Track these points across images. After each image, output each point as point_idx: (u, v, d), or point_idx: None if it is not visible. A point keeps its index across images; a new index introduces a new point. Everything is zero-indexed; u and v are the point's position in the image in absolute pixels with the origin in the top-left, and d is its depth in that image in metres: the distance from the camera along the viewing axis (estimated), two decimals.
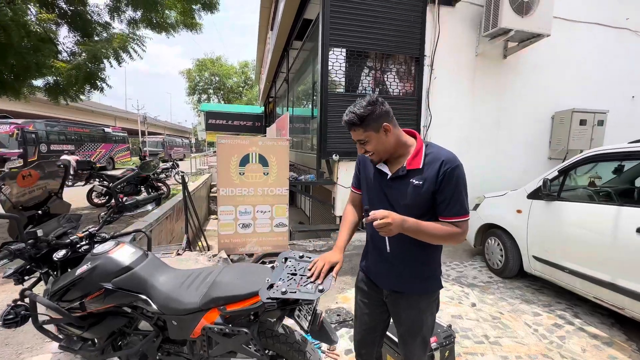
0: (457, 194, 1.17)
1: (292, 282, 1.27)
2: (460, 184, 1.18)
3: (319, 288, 1.21)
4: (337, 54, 3.95)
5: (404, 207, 1.21)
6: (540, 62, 4.67)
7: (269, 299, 1.21)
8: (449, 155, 1.19)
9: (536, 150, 4.94)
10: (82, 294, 1.48)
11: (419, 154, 1.21)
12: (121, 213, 1.80)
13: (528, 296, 3.04)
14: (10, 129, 13.86)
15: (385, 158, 1.27)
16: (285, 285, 1.25)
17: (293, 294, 1.21)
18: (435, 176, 1.16)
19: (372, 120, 1.17)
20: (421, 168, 1.19)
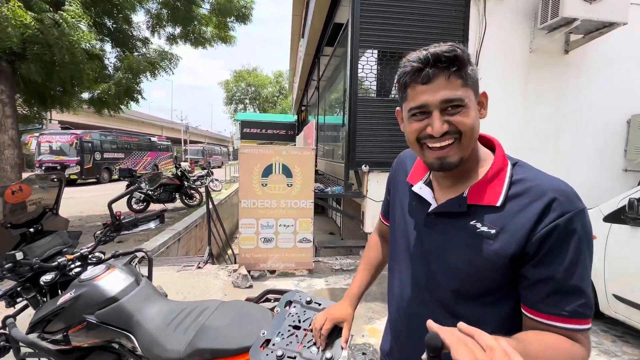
0: (579, 271, 0.59)
1: (292, 340, 0.96)
2: (585, 250, 0.59)
3: (326, 356, 0.89)
4: (368, 55, 3.65)
5: (450, 273, 0.68)
6: (612, 56, 3.95)
7: None
8: (564, 189, 0.61)
9: (607, 161, 4.16)
10: (64, 326, 1.30)
11: (498, 177, 0.66)
12: (118, 232, 1.63)
13: (608, 346, 2.41)
14: (71, 138, 15.33)
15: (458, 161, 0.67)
16: (283, 345, 0.94)
17: (291, 359, 0.90)
18: (529, 228, 0.60)
19: (472, 74, 0.65)
20: (500, 206, 0.63)
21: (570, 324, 0.59)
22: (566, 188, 0.62)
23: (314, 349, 0.91)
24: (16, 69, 3.97)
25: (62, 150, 15.31)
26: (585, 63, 3.94)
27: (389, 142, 3.71)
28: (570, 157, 4.07)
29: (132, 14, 5.89)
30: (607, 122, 4.10)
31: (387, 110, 3.69)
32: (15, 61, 3.92)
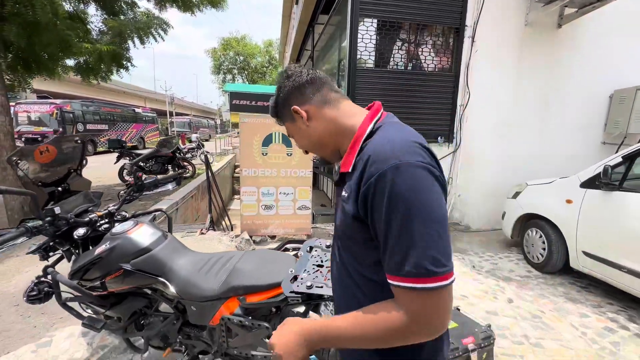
0: (395, 229, 0.57)
1: (318, 275, 1.14)
2: (399, 207, 0.56)
3: None
4: (368, 25, 3.64)
5: (339, 237, 0.76)
6: (603, 31, 4.07)
7: (293, 293, 1.09)
8: (380, 149, 0.61)
9: (588, 134, 4.42)
10: (102, 274, 1.44)
11: (354, 146, 0.69)
12: (140, 192, 1.74)
13: (573, 294, 2.76)
14: (51, 108, 14.63)
15: (328, 156, 0.80)
16: (310, 279, 1.12)
17: (319, 289, 1.08)
18: (356, 190, 0.63)
19: (282, 107, 0.80)
20: (351, 171, 0.68)
21: (395, 281, 0.57)
22: (385, 147, 0.60)
23: None
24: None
25: (42, 121, 14.63)
26: (576, 38, 4.05)
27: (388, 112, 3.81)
28: (555, 130, 4.29)
29: None
30: (591, 96, 4.30)
31: (384, 81, 3.76)
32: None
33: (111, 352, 1.96)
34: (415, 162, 0.57)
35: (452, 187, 4.15)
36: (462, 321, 1.80)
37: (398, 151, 0.58)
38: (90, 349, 1.98)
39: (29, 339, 2.10)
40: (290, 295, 1.09)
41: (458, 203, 4.24)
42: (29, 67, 5.02)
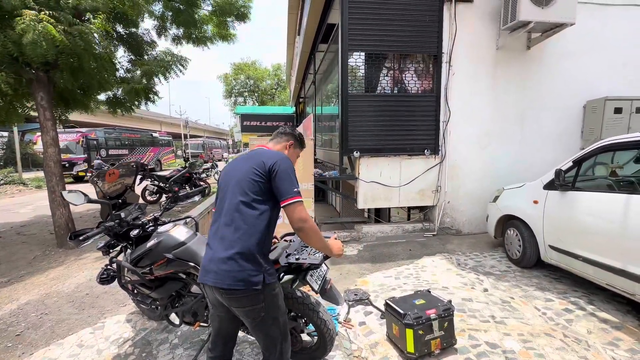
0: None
1: (304, 252, 1.64)
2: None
3: (322, 255, 1.56)
4: (356, 57, 4.24)
5: None
6: (568, 50, 4.55)
7: (286, 264, 1.59)
8: None
9: (567, 142, 4.80)
10: (151, 262, 1.97)
11: None
12: (176, 202, 2.29)
13: (544, 284, 3.11)
14: (77, 137, 15.86)
15: None
16: (298, 254, 1.61)
17: (304, 260, 1.57)
18: None
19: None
20: None
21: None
22: None
23: (317, 255, 1.59)
24: (51, 78, 4.56)
25: (69, 149, 15.77)
26: (545, 57, 4.54)
27: (376, 132, 4.33)
28: (535, 139, 4.71)
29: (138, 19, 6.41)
30: (566, 107, 4.72)
31: (373, 104, 4.31)
32: (50, 70, 4.50)
33: (151, 332, 2.46)
34: None
35: (441, 195, 4.58)
36: (429, 299, 2.25)
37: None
38: (135, 330, 2.49)
39: (86, 324, 2.63)
40: (284, 265, 1.59)
41: (448, 209, 4.66)
42: (67, 104, 5.85)
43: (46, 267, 3.89)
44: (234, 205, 1.35)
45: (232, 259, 1.28)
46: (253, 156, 1.46)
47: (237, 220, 1.33)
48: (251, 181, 1.35)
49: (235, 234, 1.31)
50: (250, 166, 1.39)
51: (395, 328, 2.15)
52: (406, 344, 2.02)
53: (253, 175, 1.36)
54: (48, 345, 2.34)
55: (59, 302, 3.01)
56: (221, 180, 1.52)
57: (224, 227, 1.36)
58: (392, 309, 2.17)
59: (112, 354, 2.21)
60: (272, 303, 1.37)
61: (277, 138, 1.69)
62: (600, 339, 2.24)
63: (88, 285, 3.33)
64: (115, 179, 2.08)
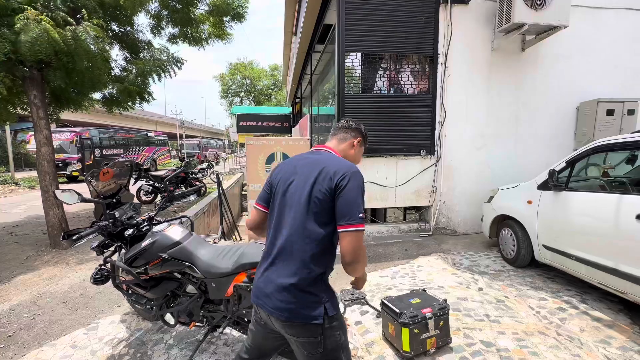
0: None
1: None
2: None
3: None
4: (353, 57, 4.25)
5: None
6: (562, 53, 4.61)
7: None
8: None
9: (560, 143, 4.86)
10: (146, 262, 1.96)
11: None
12: (171, 202, 2.28)
13: (538, 284, 3.14)
14: (71, 136, 15.68)
15: None
16: None
17: None
18: None
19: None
20: None
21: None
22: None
23: None
24: (44, 76, 4.50)
25: (62, 148, 15.55)
26: (539, 59, 4.59)
27: (372, 132, 4.34)
28: (529, 140, 4.76)
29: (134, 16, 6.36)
30: (560, 109, 4.78)
31: (370, 105, 4.32)
32: (44, 69, 4.45)
33: (146, 333, 2.44)
34: None
35: (436, 195, 4.60)
36: (425, 298, 2.26)
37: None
38: (129, 331, 2.46)
39: (79, 325, 2.60)
40: None
41: (443, 209, 4.69)
42: (61, 102, 5.79)
43: (39, 267, 3.84)
44: (299, 222, 1.15)
45: (294, 287, 1.12)
46: (318, 162, 1.22)
47: (301, 241, 1.14)
48: (316, 199, 1.14)
49: (298, 255, 1.14)
50: (315, 179, 1.17)
51: (391, 327, 2.16)
52: (402, 343, 2.03)
53: (318, 192, 1.14)
54: (41, 347, 2.31)
55: (52, 303, 2.97)
56: (278, 180, 1.28)
57: (286, 243, 1.17)
58: (388, 308, 2.18)
59: (106, 354, 2.19)
60: (332, 337, 1.17)
61: (341, 134, 1.44)
62: (593, 337, 2.27)
63: (82, 285, 3.30)
64: (110, 178, 2.06)
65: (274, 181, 1.31)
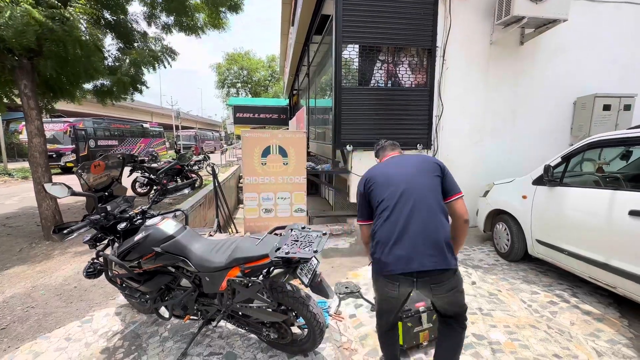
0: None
1: (294, 246, 1.63)
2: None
3: (313, 249, 1.56)
4: (350, 49, 4.19)
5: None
6: (561, 46, 4.58)
7: (276, 258, 1.58)
8: None
9: (556, 138, 4.87)
10: (139, 255, 1.94)
11: None
12: (164, 195, 2.25)
13: (530, 277, 3.18)
14: (64, 127, 15.44)
15: None
16: (288, 248, 1.61)
17: (294, 254, 1.56)
18: None
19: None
20: None
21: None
22: None
23: (307, 249, 1.58)
24: (34, 65, 4.39)
25: (56, 139, 15.31)
26: (537, 53, 4.56)
27: (369, 125, 4.32)
28: (525, 134, 4.76)
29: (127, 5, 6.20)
30: (557, 104, 4.77)
31: (367, 98, 4.28)
32: (34, 57, 4.34)
33: (140, 325, 2.44)
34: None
35: None
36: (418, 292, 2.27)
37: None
38: (124, 323, 2.47)
39: (74, 318, 2.60)
40: (274, 259, 1.58)
41: None
42: (54, 93, 5.67)
43: (33, 259, 3.82)
44: (428, 201, 1.52)
45: (443, 245, 1.46)
46: (415, 160, 1.71)
47: (435, 214, 1.50)
48: (437, 181, 1.58)
49: (437, 225, 1.48)
50: (427, 168, 1.62)
51: None
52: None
53: (434, 177, 1.59)
54: (35, 339, 2.31)
55: (46, 295, 2.96)
56: (380, 187, 1.62)
57: (423, 220, 1.48)
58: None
59: (100, 347, 2.19)
60: (460, 279, 1.57)
61: (396, 147, 1.94)
62: (583, 330, 2.31)
63: (76, 278, 3.28)
64: (101, 171, 2.03)
65: (373, 194, 1.65)
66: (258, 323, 1.97)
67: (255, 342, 2.19)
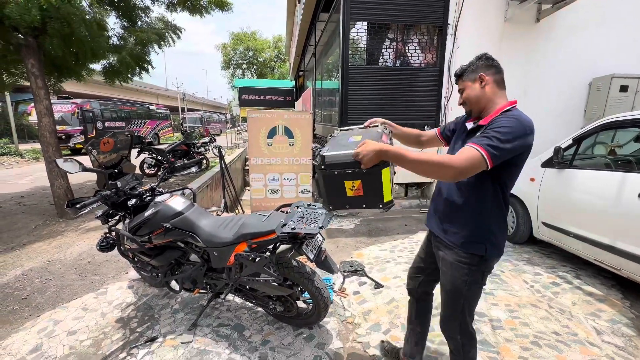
0: (488, 131, 1.11)
1: (300, 222, 1.66)
2: (499, 126, 1.10)
3: (319, 225, 1.58)
4: (358, 27, 4.07)
5: None
6: (577, 24, 4.37)
7: (282, 234, 1.62)
8: (512, 112, 1.16)
9: (569, 120, 4.74)
10: (149, 231, 2.00)
11: (496, 113, 1.20)
12: (172, 173, 2.29)
13: (535, 259, 3.20)
14: (72, 108, 15.50)
15: (476, 111, 1.30)
16: (294, 224, 1.64)
17: (300, 230, 1.60)
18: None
19: (470, 72, 1.29)
20: (487, 124, 1.17)
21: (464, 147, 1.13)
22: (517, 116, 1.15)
23: (312, 225, 1.61)
24: (40, 44, 4.38)
25: (64, 120, 15.38)
26: (553, 30, 4.37)
27: (376, 106, 4.26)
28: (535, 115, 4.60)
29: None
30: (571, 85, 4.62)
31: (375, 77, 4.19)
32: (39, 36, 4.32)
33: (152, 298, 2.55)
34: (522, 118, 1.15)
35: None
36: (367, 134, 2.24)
37: (520, 117, 1.15)
38: (137, 296, 2.57)
39: (89, 290, 2.72)
40: (280, 235, 1.62)
41: None
42: (60, 72, 5.67)
43: (48, 235, 3.96)
44: None
45: None
46: None
47: None
48: None
49: None
50: None
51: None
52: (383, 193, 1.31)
53: None
54: (54, 309, 2.44)
55: (62, 269, 3.09)
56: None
57: None
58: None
59: (115, 317, 2.30)
60: None
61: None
62: (583, 310, 2.34)
63: (90, 253, 3.41)
64: (110, 149, 2.07)
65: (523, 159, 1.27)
66: (265, 297, 2.04)
67: (262, 315, 2.27)
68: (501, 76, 1.28)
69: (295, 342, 2.01)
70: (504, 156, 1.11)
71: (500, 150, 1.08)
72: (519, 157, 1.18)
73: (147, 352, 1.94)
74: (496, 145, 1.08)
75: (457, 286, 1.32)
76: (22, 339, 2.09)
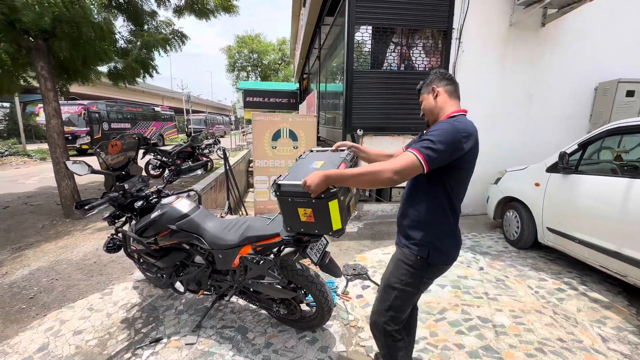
0: (425, 135, 1.18)
1: None
2: (433, 129, 1.17)
3: None
4: (363, 31, 4.09)
5: None
6: (584, 28, 4.36)
7: (287, 237, 1.63)
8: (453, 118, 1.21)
9: (574, 125, 4.72)
10: (155, 232, 2.02)
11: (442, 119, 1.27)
12: (178, 175, 2.32)
13: (539, 265, 3.18)
14: (79, 109, 15.70)
15: (432, 120, 1.35)
16: None
17: None
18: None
19: (425, 85, 1.38)
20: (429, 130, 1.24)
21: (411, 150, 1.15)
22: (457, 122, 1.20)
23: None
24: (50, 47, 4.46)
25: (71, 121, 15.57)
26: (559, 35, 4.36)
27: (380, 110, 4.27)
28: (539, 120, 4.62)
29: None
30: (576, 89, 4.60)
31: (379, 81, 4.20)
32: (49, 39, 4.40)
33: (157, 299, 2.57)
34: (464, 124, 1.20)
35: None
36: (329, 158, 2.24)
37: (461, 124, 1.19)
38: (141, 297, 2.60)
39: (95, 290, 2.74)
40: (285, 238, 1.63)
41: None
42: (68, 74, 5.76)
43: (54, 236, 4.01)
44: None
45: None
46: None
47: None
48: None
49: None
50: None
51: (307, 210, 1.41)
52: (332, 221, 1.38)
53: None
54: (60, 308, 2.46)
55: (69, 269, 3.13)
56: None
57: None
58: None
59: (120, 317, 2.32)
60: None
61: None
62: (589, 317, 2.32)
63: (96, 254, 3.44)
64: (118, 151, 2.10)
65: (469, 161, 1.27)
66: (268, 299, 2.05)
67: (266, 317, 2.28)
68: (454, 87, 1.34)
69: (299, 345, 2.02)
70: (441, 158, 1.14)
71: (434, 151, 1.12)
72: (462, 160, 1.20)
73: (152, 353, 1.95)
74: (429, 147, 1.13)
75: (392, 283, 1.36)
76: (29, 338, 2.12)
